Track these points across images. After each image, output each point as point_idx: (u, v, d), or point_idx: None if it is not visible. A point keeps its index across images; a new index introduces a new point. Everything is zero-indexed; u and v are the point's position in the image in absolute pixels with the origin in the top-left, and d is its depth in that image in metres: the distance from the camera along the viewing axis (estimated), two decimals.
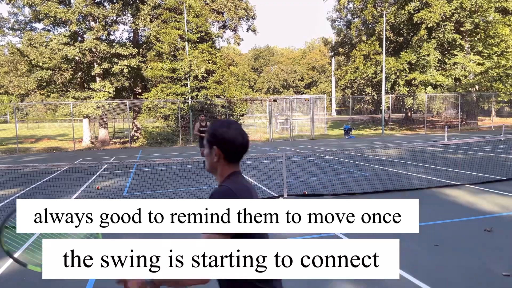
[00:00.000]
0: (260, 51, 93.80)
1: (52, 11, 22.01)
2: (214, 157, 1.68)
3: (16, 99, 34.47)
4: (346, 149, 13.41)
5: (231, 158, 1.68)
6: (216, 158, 1.68)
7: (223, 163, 1.69)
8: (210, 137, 1.69)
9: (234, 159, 1.69)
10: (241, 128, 1.70)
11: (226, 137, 1.65)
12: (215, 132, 1.67)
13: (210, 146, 1.69)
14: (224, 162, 1.68)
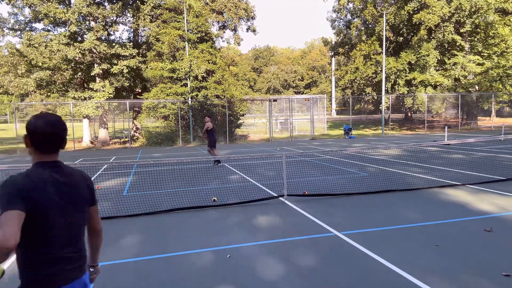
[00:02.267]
0: (260, 51, 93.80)
1: (51, 12, 22.00)
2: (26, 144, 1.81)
3: (16, 99, 34.43)
4: (346, 149, 13.41)
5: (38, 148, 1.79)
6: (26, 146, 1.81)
7: (34, 152, 1.81)
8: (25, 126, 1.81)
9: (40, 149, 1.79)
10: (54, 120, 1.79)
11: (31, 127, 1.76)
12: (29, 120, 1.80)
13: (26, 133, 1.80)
14: (34, 151, 1.80)
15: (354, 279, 3.82)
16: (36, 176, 1.73)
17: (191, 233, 5.50)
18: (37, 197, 1.68)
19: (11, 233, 1.57)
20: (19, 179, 1.69)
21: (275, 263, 4.28)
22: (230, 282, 3.86)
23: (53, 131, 1.78)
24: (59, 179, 1.80)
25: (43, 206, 1.70)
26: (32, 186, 1.68)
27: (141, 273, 4.17)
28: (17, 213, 1.60)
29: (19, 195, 1.63)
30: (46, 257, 1.73)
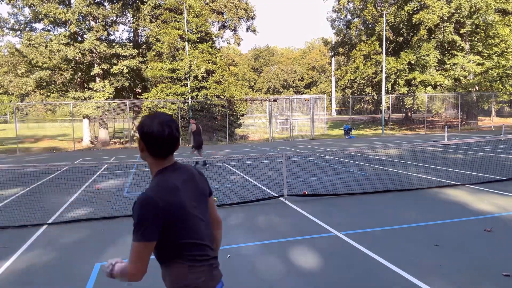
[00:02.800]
0: (260, 51, 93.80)
1: (51, 12, 22.00)
2: (139, 148, 1.70)
3: (16, 99, 34.46)
4: (346, 149, 13.41)
5: (155, 153, 1.66)
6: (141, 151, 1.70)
7: (150, 158, 1.68)
8: (137, 130, 1.68)
9: (158, 154, 1.66)
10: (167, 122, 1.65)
11: (146, 131, 1.62)
12: (141, 125, 1.65)
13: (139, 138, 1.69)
14: (150, 156, 1.68)
15: (354, 279, 3.82)
16: (167, 186, 1.62)
17: None
18: (176, 209, 1.60)
19: (143, 269, 1.58)
20: (155, 197, 1.57)
21: (275, 263, 4.28)
22: (230, 282, 3.86)
23: (171, 132, 1.64)
24: (186, 182, 1.70)
25: (185, 215, 1.63)
26: (168, 200, 1.59)
27: None
28: (151, 246, 1.57)
29: (157, 217, 1.55)
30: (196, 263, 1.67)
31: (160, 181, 1.63)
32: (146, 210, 1.55)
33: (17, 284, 4.01)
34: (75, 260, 4.60)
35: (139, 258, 1.55)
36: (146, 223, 1.54)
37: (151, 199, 1.56)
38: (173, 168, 1.69)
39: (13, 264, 4.55)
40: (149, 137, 1.62)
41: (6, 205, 7.68)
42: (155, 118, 1.64)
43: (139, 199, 1.58)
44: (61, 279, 4.10)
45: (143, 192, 1.61)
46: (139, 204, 1.57)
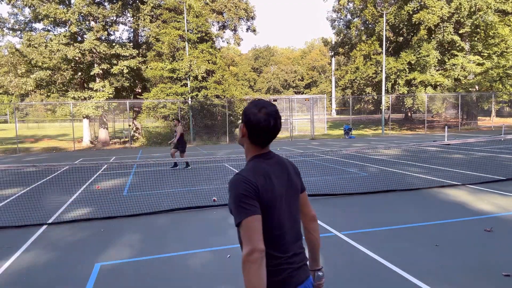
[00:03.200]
0: (260, 51, 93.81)
1: (52, 13, 22.00)
2: (241, 133, 1.72)
3: (16, 99, 34.46)
4: (346, 149, 13.41)
5: (255, 140, 1.68)
6: (241, 135, 1.72)
7: (248, 144, 1.71)
8: (243, 115, 1.70)
9: (258, 142, 1.68)
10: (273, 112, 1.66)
11: (252, 119, 1.64)
12: (246, 111, 1.68)
13: (241, 122, 1.71)
14: (248, 142, 1.70)
15: (354, 279, 3.82)
16: (260, 171, 1.62)
17: (191, 233, 5.49)
18: (268, 194, 1.58)
19: (259, 241, 1.48)
20: (250, 176, 1.58)
21: None
22: (230, 282, 3.86)
23: (276, 124, 1.67)
24: (278, 171, 1.69)
25: (274, 203, 1.60)
26: (262, 183, 1.58)
27: (141, 273, 4.17)
28: (258, 219, 1.52)
29: (255, 195, 1.54)
30: (278, 260, 1.59)
31: (254, 166, 1.65)
32: (244, 188, 1.54)
33: (17, 284, 4.01)
34: (75, 260, 4.60)
35: (250, 236, 1.47)
36: (246, 199, 1.52)
37: (247, 178, 1.57)
38: (268, 157, 1.71)
39: (13, 264, 4.55)
40: (254, 127, 1.64)
41: (6, 205, 7.68)
42: (262, 108, 1.65)
43: (235, 179, 1.59)
44: (61, 279, 4.10)
45: (237, 173, 1.63)
46: (236, 183, 1.58)
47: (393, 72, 30.30)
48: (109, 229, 5.84)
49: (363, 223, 5.67)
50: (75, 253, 4.84)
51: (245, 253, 1.45)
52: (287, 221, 1.65)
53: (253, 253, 1.44)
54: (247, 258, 1.44)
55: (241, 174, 1.61)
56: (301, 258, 1.68)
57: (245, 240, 1.48)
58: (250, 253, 1.44)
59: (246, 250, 1.45)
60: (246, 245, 1.46)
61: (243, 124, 1.68)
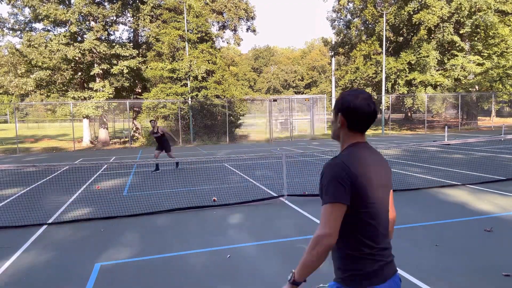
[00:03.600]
0: (260, 51, 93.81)
1: (52, 13, 22.00)
2: (338, 124, 1.70)
3: (16, 99, 34.46)
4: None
5: (354, 127, 1.67)
6: (339, 125, 1.70)
7: (346, 132, 1.70)
8: (337, 104, 1.69)
9: (357, 129, 1.68)
10: (370, 97, 1.66)
11: (352, 106, 1.63)
12: (342, 100, 1.67)
13: (336, 113, 1.70)
14: (346, 131, 1.69)
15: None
16: (358, 158, 1.62)
17: (191, 233, 5.50)
18: (364, 183, 1.57)
19: (336, 230, 1.53)
20: (346, 161, 1.58)
21: (275, 263, 4.28)
22: (230, 282, 3.86)
23: (375, 108, 1.66)
24: (375, 162, 1.67)
25: (370, 192, 1.58)
26: (360, 171, 1.57)
27: (141, 273, 4.17)
28: (343, 208, 1.54)
29: (348, 181, 1.54)
30: (371, 250, 1.60)
31: (351, 152, 1.64)
32: (337, 173, 1.54)
33: (17, 284, 4.01)
34: (75, 260, 4.60)
35: (329, 220, 1.52)
36: (337, 184, 1.53)
37: (342, 164, 1.57)
38: (366, 146, 1.70)
39: (13, 264, 4.55)
40: (356, 113, 1.64)
41: (6, 205, 7.68)
42: (359, 93, 1.65)
43: (330, 164, 1.60)
44: (61, 279, 4.10)
45: (332, 158, 1.63)
46: (329, 167, 1.58)
47: (393, 72, 30.30)
48: (109, 229, 5.84)
49: None
50: (75, 253, 4.84)
51: (320, 233, 1.53)
52: (382, 213, 1.65)
53: (327, 237, 1.52)
54: (319, 238, 1.52)
55: (337, 159, 1.60)
56: (390, 252, 1.68)
57: (324, 223, 1.53)
58: (324, 236, 1.52)
59: (321, 231, 1.52)
60: (324, 227, 1.53)
61: (340, 115, 1.68)
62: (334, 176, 1.54)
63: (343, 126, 1.69)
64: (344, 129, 1.70)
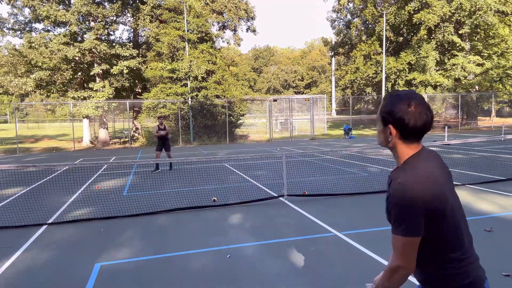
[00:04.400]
0: (260, 51, 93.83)
1: (52, 14, 22.00)
2: (389, 136, 1.55)
3: (16, 99, 34.46)
4: (346, 149, 13.40)
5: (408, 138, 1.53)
6: (391, 138, 1.55)
7: (400, 143, 1.55)
8: (387, 114, 1.54)
9: (412, 139, 1.53)
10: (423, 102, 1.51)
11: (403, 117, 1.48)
12: (392, 108, 1.51)
13: (385, 123, 1.55)
14: (400, 142, 1.55)
15: (354, 279, 3.82)
16: (427, 176, 1.48)
17: (191, 233, 5.49)
18: (439, 199, 1.46)
19: (412, 261, 1.49)
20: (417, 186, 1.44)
21: (275, 263, 4.28)
22: (230, 282, 3.86)
23: (432, 115, 1.51)
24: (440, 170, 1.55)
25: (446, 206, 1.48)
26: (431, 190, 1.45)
27: (141, 273, 4.17)
28: (416, 241, 1.46)
29: (423, 209, 1.43)
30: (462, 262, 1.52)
31: (417, 169, 1.49)
32: (410, 200, 1.42)
33: (17, 284, 4.01)
34: (75, 260, 4.60)
35: (404, 252, 1.47)
36: (408, 217, 1.43)
37: (412, 190, 1.43)
38: (426, 155, 1.56)
39: (13, 264, 4.55)
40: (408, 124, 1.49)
41: (6, 205, 7.68)
42: (412, 99, 1.49)
43: (399, 190, 1.45)
44: (61, 279, 4.10)
45: (400, 181, 1.47)
46: (398, 195, 1.45)
47: (393, 72, 30.31)
48: (109, 229, 5.84)
49: (363, 223, 5.67)
50: (75, 253, 4.84)
51: (395, 265, 1.50)
52: (461, 222, 1.56)
53: (403, 269, 1.49)
54: (395, 269, 1.50)
55: (406, 184, 1.45)
56: (478, 264, 1.59)
57: (398, 254, 1.49)
58: (400, 267, 1.49)
59: (396, 263, 1.50)
60: (399, 258, 1.49)
61: (390, 126, 1.53)
62: (407, 205, 1.43)
63: (395, 138, 1.55)
64: (397, 141, 1.55)
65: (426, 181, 1.46)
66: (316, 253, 4.54)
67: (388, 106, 1.54)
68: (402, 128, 1.50)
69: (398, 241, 1.48)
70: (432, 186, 1.46)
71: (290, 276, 3.95)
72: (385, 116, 1.55)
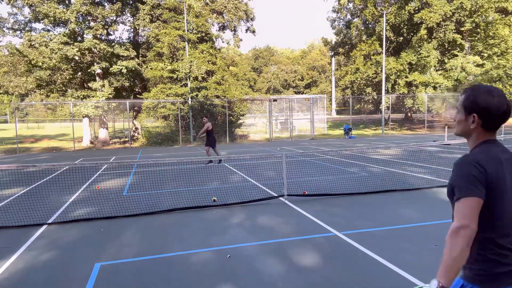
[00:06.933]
0: (260, 51, 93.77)
1: (51, 12, 22.00)
2: (472, 124, 1.66)
3: (16, 99, 34.47)
4: (346, 149, 13.41)
5: (489, 126, 1.65)
6: (474, 125, 1.66)
7: (479, 131, 1.67)
8: (471, 104, 1.65)
9: (491, 127, 1.66)
10: (503, 95, 1.63)
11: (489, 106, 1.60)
12: (477, 99, 1.63)
13: (469, 112, 1.66)
14: (480, 130, 1.66)
15: (354, 279, 3.82)
16: (491, 155, 1.59)
17: (191, 233, 5.49)
18: (498, 181, 1.55)
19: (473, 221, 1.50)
20: (479, 158, 1.57)
21: (275, 263, 4.28)
22: (230, 282, 3.86)
23: (510, 107, 1.62)
24: (508, 159, 1.63)
25: (504, 191, 1.56)
26: (494, 168, 1.55)
27: (141, 273, 4.17)
28: (479, 202, 1.52)
29: (481, 177, 1.53)
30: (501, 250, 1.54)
31: (484, 150, 1.62)
32: (470, 169, 1.54)
33: (17, 284, 4.01)
34: (75, 260, 4.60)
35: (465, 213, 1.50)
36: (471, 180, 1.52)
37: (478, 161, 1.56)
38: (497, 144, 1.68)
39: (13, 264, 4.55)
40: (492, 113, 1.61)
41: (6, 205, 7.68)
42: (494, 91, 1.62)
43: (465, 160, 1.58)
44: (61, 279, 4.10)
45: (465, 155, 1.61)
46: (461, 164, 1.58)
47: (393, 72, 30.30)
48: (109, 229, 5.84)
49: (363, 223, 5.67)
50: (75, 253, 4.84)
51: (456, 225, 1.51)
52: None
53: (465, 228, 1.49)
54: (456, 230, 1.50)
55: (472, 156, 1.59)
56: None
57: (460, 215, 1.52)
58: (461, 227, 1.49)
59: (457, 224, 1.51)
60: (459, 219, 1.51)
61: (476, 115, 1.64)
62: (467, 172, 1.54)
63: (477, 126, 1.66)
64: (478, 129, 1.67)
65: (489, 158, 1.58)
66: (316, 253, 4.54)
67: (471, 96, 1.66)
68: (486, 116, 1.62)
69: (459, 205, 1.53)
70: (493, 162, 1.57)
71: (290, 276, 3.95)
72: (469, 105, 1.66)
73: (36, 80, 23.17)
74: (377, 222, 5.65)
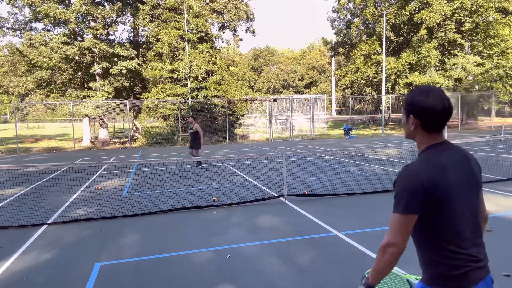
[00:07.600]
0: (260, 51, 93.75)
1: (51, 12, 22.01)
2: (411, 126, 1.66)
3: (16, 99, 34.47)
4: (346, 149, 13.41)
5: (429, 127, 1.63)
6: (413, 127, 1.66)
7: (421, 132, 1.65)
8: (407, 105, 1.65)
9: (432, 128, 1.63)
10: (440, 94, 1.60)
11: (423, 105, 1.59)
12: (412, 100, 1.63)
13: (407, 114, 1.66)
14: (421, 131, 1.64)
15: (354, 279, 3.82)
16: (434, 163, 1.57)
17: (191, 233, 5.49)
18: (441, 189, 1.53)
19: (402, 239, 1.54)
20: (420, 170, 1.55)
21: (275, 263, 4.28)
22: (230, 282, 3.86)
23: (449, 105, 1.60)
24: (457, 163, 1.62)
25: (448, 198, 1.54)
26: (435, 177, 1.53)
27: (141, 273, 4.17)
28: (413, 218, 1.53)
29: (421, 191, 1.51)
30: (453, 254, 1.55)
31: (428, 157, 1.60)
32: (409, 183, 1.53)
33: (17, 284, 4.01)
34: (75, 260, 4.60)
35: (399, 230, 1.53)
36: (407, 196, 1.52)
37: (414, 173, 1.55)
38: (444, 147, 1.64)
39: (13, 264, 4.55)
40: (429, 113, 1.59)
41: (6, 205, 7.68)
42: (430, 91, 1.61)
43: (402, 172, 1.58)
44: (61, 279, 4.10)
45: (407, 165, 1.60)
46: (401, 177, 1.58)
47: (393, 73, 30.30)
48: (109, 229, 5.84)
49: (363, 223, 5.67)
50: (75, 253, 4.84)
51: (385, 242, 1.56)
52: (465, 217, 1.59)
53: (392, 247, 1.54)
54: (385, 246, 1.55)
55: (411, 167, 1.57)
56: (482, 256, 1.61)
57: (391, 231, 1.55)
58: (389, 245, 1.54)
59: (387, 240, 1.55)
60: (389, 235, 1.55)
61: (412, 116, 1.64)
62: (407, 186, 1.54)
63: (417, 128, 1.65)
64: (418, 130, 1.65)
65: (431, 168, 1.56)
66: (316, 253, 4.54)
67: (408, 98, 1.67)
68: (422, 116, 1.61)
69: (393, 219, 1.56)
70: (435, 172, 1.54)
71: (290, 276, 3.95)
72: (406, 108, 1.67)
73: (36, 80, 23.16)
74: (377, 222, 5.65)
